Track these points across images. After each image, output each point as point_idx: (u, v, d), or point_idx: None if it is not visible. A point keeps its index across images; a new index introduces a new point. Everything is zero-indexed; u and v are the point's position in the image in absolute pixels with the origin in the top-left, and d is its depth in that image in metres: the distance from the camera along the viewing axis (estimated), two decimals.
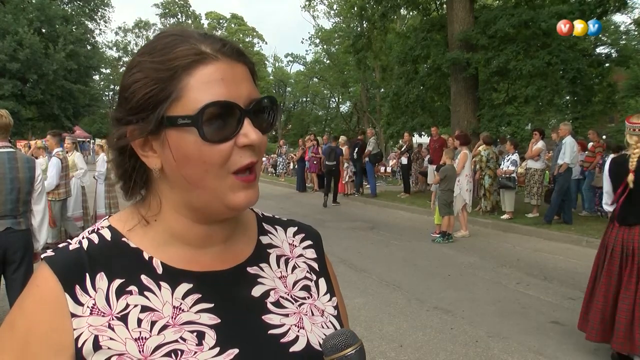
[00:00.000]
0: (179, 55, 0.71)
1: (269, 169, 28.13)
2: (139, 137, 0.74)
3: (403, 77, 17.64)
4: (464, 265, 7.33)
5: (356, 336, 0.80)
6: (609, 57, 16.83)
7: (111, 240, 0.79)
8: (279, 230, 0.94)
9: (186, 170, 0.73)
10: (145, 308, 0.74)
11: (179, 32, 0.76)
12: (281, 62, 55.61)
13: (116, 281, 0.74)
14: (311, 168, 18.01)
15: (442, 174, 9.12)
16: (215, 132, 0.71)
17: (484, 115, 14.85)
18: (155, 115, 0.71)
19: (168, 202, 0.79)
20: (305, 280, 0.89)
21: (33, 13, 30.44)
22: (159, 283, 0.76)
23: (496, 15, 14.25)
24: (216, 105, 0.70)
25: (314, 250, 0.95)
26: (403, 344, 4.47)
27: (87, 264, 0.74)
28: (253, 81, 0.78)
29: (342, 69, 41.89)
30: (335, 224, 11.09)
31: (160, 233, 0.80)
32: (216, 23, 53.31)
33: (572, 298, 5.78)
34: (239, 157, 0.73)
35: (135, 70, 0.74)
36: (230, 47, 0.75)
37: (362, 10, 20.99)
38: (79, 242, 0.78)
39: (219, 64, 0.72)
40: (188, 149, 0.71)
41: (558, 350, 4.37)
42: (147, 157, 0.76)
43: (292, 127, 52.01)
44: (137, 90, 0.72)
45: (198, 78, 0.71)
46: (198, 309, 0.76)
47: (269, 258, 0.88)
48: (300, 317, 0.83)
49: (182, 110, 0.71)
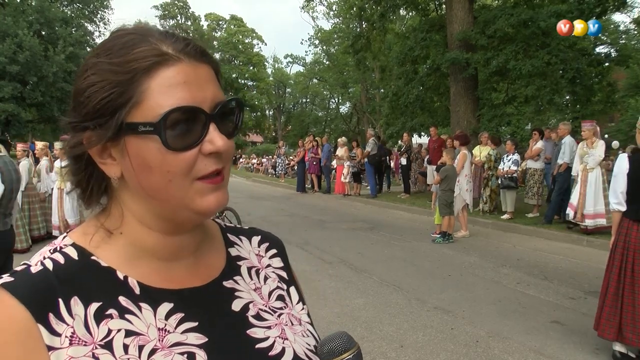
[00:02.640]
0: (138, 56, 0.66)
1: (269, 170, 28.14)
2: (96, 144, 0.68)
3: (402, 78, 17.65)
4: (464, 265, 7.33)
5: (353, 340, 0.79)
6: (609, 56, 16.83)
7: (79, 259, 0.71)
8: (244, 241, 0.91)
9: (148, 179, 0.68)
10: (129, 332, 0.68)
11: (137, 30, 0.70)
12: (281, 63, 55.65)
13: (93, 305, 0.68)
14: (310, 169, 18.01)
15: (443, 174, 9.12)
16: (178, 139, 0.66)
17: (484, 115, 14.86)
18: (114, 121, 0.66)
19: (131, 212, 0.73)
20: (278, 290, 0.88)
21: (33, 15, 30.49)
22: (139, 304, 0.71)
23: (495, 15, 14.25)
24: (179, 110, 0.65)
25: (280, 259, 0.93)
26: (404, 344, 4.46)
27: (58, 287, 0.66)
28: (218, 82, 0.73)
29: (341, 69, 41.89)
30: (335, 224, 11.09)
31: (127, 247, 0.74)
32: (215, 24, 53.29)
33: (572, 298, 5.78)
34: (203, 165, 0.68)
35: (91, 72, 0.68)
36: (193, 46, 0.70)
37: (361, 10, 21.04)
38: (40, 263, 0.69)
39: (181, 65, 0.67)
40: (150, 157, 0.66)
41: (559, 349, 4.37)
42: (105, 164, 0.71)
43: (292, 128, 52.00)
44: (94, 94, 0.66)
45: (159, 81, 0.66)
46: (184, 328, 0.72)
47: (241, 270, 0.85)
48: (281, 328, 0.81)
49: (143, 116, 0.65)
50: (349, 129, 44.13)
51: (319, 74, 47.92)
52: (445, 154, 9.62)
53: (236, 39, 51.69)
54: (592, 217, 8.60)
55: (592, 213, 8.60)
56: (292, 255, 0.95)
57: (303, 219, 11.86)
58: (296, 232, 9.96)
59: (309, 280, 6.39)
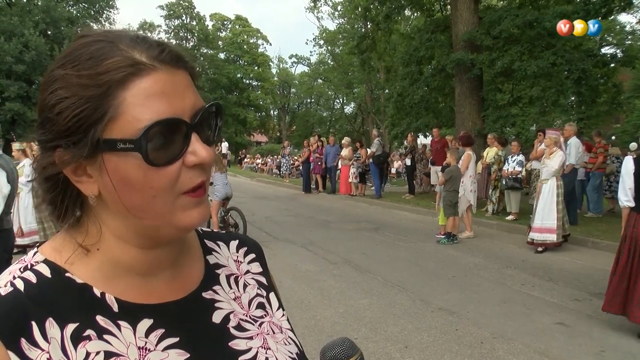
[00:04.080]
0: (110, 67, 0.61)
1: (274, 170, 28.14)
2: (69, 164, 0.63)
3: (407, 78, 17.62)
4: (468, 266, 7.32)
5: (355, 346, 0.78)
6: (615, 57, 16.78)
7: (52, 277, 0.67)
8: (222, 247, 0.88)
9: (129, 197, 0.64)
10: (109, 354, 0.64)
11: (106, 37, 0.64)
12: (285, 64, 55.64)
13: (70, 326, 0.64)
14: (315, 169, 18.00)
15: (447, 174, 9.11)
16: (160, 154, 0.62)
17: (489, 116, 14.83)
18: (89, 139, 0.61)
19: (109, 229, 0.69)
20: (258, 298, 0.85)
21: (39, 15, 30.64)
22: (117, 322, 0.67)
23: (500, 16, 14.22)
24: (160, 124, 0.61)
25: (258, 264, 0.90)
26: (408, 345, 4.46)
27: (31, 309, 0.62)
28: (195, 87, 0.68)
29: (346, 70, 41.85)
30: (339, 224, 11.09)
31: (104, 263, 0.70)
32: (220, 24, 53.33)
33: (577, 299, 5.76)
34: (188, 178, 0.65)
35: (58, 85, 0.62)
36: (168, 52, 0.65)
37: (366, 11, 21.02)
38: (9, 283, 0.64)
39: (157, 74, 0.62)
40: (130, 174, 0.62)
41: (564, 351, 4.36)
42: (81, 183, 0.66)
43: (297, 128, 52.02)
44: (64, 110, 0.61)
45: (135, 92, 0.61)
46: (164, 345, 0.69)
47: (220, 279, 0.83)
48: (263, 337, 0.80)
49: (121, 131, 0.61)
50: (354, 130, 44.12)
51: (323, 74, 47.89)
52: (449, 154, 9.61)
53: (241, 39, 51.70)
54: (538, 230, 8.17)
55: (538, 226, 8.17)
56: (296, 255, 0.96)
57: (307, 219, 11.87)
58: (301, 232, 9.97)
59: (313, 280, 6.40)
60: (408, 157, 15.78)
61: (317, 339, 4.45)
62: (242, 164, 36.62)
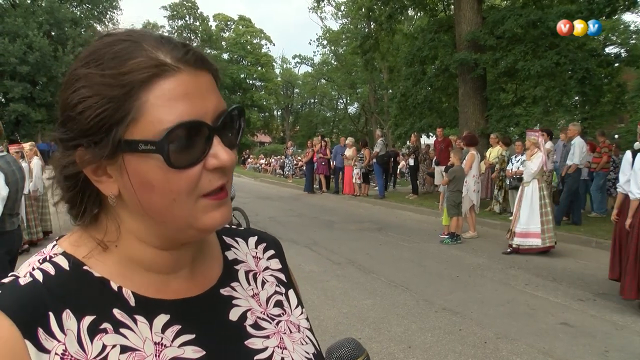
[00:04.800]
0: (134, 67, 0.61)
1: (277, 171, 28.17)
2: (90, 163, 0.64)
3: (411, 78, 17.60)
4: (472, 266, 7.31)
5: (361, 346, 0.78)
6: (619, 56, 16.71)
7: (70, 269, 0.67)
8: (241, 243, 0.88)
9: (149, 199, 0.64)
10: (125, 348, 0.64)
11: (130, 36, 0.65)
12: (289, 64, 55.71)
13: (86, 319, 0.64)
14: (319, 169, 18.01)
15: (451, 175, 9.11)
16: (181, 156, 0.62)
17: (492, 115, 14.81)
18: (110, 139, 0.61)
19: (128, 229, 0.69)
20: (276, 295, 0.85)
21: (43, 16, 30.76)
22: (134, 317, 0.67)
23: (504, 16, 14.20)
24: (183, 126, 0.61)
25: (278, 260, 0.90)
26: (411, 345, 4.46)
27: (49, 300, 0.63)
28: (218, 89, 0.68)
29: (349, 70, 41.85)
30: (343, 225, 11.09)
31: (122, 260, 0.70)
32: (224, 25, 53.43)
33: (581, 299, 5.75)
34: (208, 181, 0.65)
35: (81, 84, 0.62)
36: (193, 54, 0.64)
37: (370, 11, 21.04)
38: (29, 274, 0.65)
39: (181, 76, 0.62)
40: (151, 176, 0.62)
41: (567, 351, 4.35)
42: (101, 182, 0.66)
43: (300, 128, 52.06)
44: (86, 109, 0.61)
45: (158, 94, 0.61)
46: (181, 342, 0.69)
47: (238, 275, 0.82)
48: (280, 336, 0.79)
49: (143, 133, 0.61)
50: (357, 130, 44.10)
51: (327, 75, 47.91)
52: (452, 154, 9.60)
53: (244, 39, 51.82)
54: (522, 235, 7.89)
55: (523, 231, 7.88)
56: (300, 255, 0.96)
57: (311, 220, 11.87)
58: (304, 232, 9.98)
59: (317, 280, 6.40)
60: (411, 157, 15.77)
61: (321, 339, 4.40)
62: (246, 164, 36.66)
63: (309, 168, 18.49)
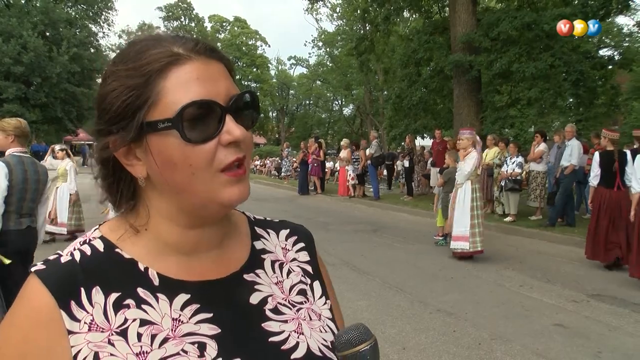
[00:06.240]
0: (151, 59, 0.70)
1: (273, 172, 28.13)
2: (121, 146, 0.72)
3: (406, 80, 17.65)
4: (467, 267, 7.33)
5: (370, 331, 0.79)
6: (612, 59, 16.78)
7: (104, 251, 0.76)
8: (272, 234, 0.93)
9: (172, 175, 0.71)
10: (144, 322, 0.72)
11: (150, 37, 0.75)
12: (284, 65, 55.70)
13: (112, 295, 0.72)
14: (312, 171, 18.00)
15: (446, 176, 9.10)
16: (197, 133, 0.69)
17: (487, 117, 14.85)
18: (135, 123, 0.70)
19: (157, 210, 0.77)
20: (300, 285, 0.88)
21: (37, 16, 30.60)
22: (156, 295, 0.74)
23: (499, 18, 14.25)
24: (195, 105, 0.69)
25: (306, 253, 0.95)
26: (406, 347, 4.46)
27: (82, 277, 0.72)
28: (231, 78, 0.76)
29: (345, 71, 41.90)
30: (338, 226, 11.09)
31: (151, 241, 0.78)
32: (219, 26, 53.38)
33: (575, 301, 5.77)
34: (224, 156, 0.71)
35: (110, 80, 0.72)
36: (203, 45, 0.74)
37: (365, 13, 21.07)
38: (70, 253, 0.74)
39: (193, 63, 0.71)
40: (171, 152, 0.70)
41: (561, 352, 4.36)
42: (131, 166, 0.74)
43: (295, 129, 52.06)
44: (114, 99, 0.71)
45: (173, 80, 0.70)
46: (197, 319, 0.74)
47: (264, 264, 0.86)
48: (298, 322, 0.82)
49: (161, 114, 0.69)
50: (352, 131, 44.15)
51: (322, 76, 47.98)
52: (448, 156, 9.60)
53: (240, 40, 51.79)
54: (460, 239, 7.56)
55: (459, 234, 7.57)
56: None
57: (306, 221, 11.81)
58: None
59: None
60: (406, 158, 15.79)
61: None
62: None
63: (302, 170, 18.49)
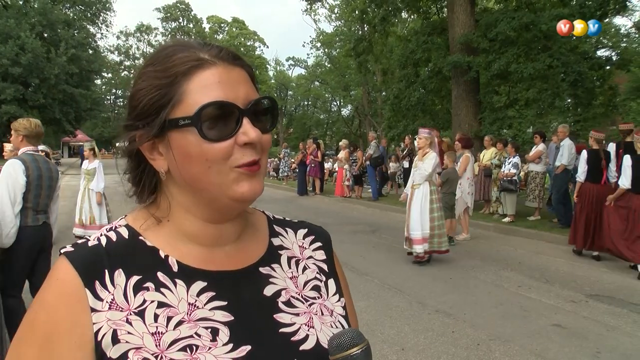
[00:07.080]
0: (177, 62, 0.76)
1: (271, 173, 28.11)
2: (145, 140, 0.78)
3: (404, 80, 17.66)
4: (465, 268, 7.33)
5: (362, 335, 0.79)
6: (610, 60, 16.79)
7: (128, 238, 0.81)
8: (290, 233, 0.97)
9: (189, 169, 0.76)
10: (161, 304, 0.76)
11: (179, 43, 0.80)
12: (282, 66, 55.75)
13: (133, 278, 0.77)
14: (311, 172, 18.00)
15: (444, 177, 9.12)
16: (214, 131, 0.74)
17: (486, 118, 14.87)
18: (159, 120, 0.75)
19: (177, 203, 0.82)
20: (315, 281, 0.91)
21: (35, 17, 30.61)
22: (175, 280, 0.79)
23: (497, 19, 14.28)
24: (214, 105, 0.73)
25: (323, 252, 0.98)
26: (405, 347, 4.47)
27: (106, 260, 0.77)
28: (253, 84, 0.81)
29: (343, 72, 41.93)
30: (337, 227, 11.07)
31: (172, 232, 0.83)
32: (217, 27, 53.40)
33: (574, 301, 5.77)
34: (241, 155, 0.75)
35: (140, 80, 0.79)
36: (226, 52, 0.79)
37: (363, 13, 21.11)
38: (97, 239, 0.80)
39: (216, 68, 0.76)
40: (190, 148, 0.75)
41: (560, 353, 4.37)
42: (154, 160, 0.80)
43: (294, 130, 52.05)
44: (142, 97, 0.77)
45: (197, 82, 0.75)
46: (212, 306, 0.78)
47: (280, 259, 0.90)
48: (310, 316, 0.85)
49: (183, 112, 0.74)
50: (351, 132, 44.16)
51: (320, 77, 47.98)
52: (446, 156, 9.61)
53: (238, 41, 51.81)
54: (420, 241, 7.32)
55: (420, 237, 7.31)
56: None
57: None
58: None
59: None
60: (406, 159, 15.78)
61: None
62: None
63: (301, 170, 18.48)
